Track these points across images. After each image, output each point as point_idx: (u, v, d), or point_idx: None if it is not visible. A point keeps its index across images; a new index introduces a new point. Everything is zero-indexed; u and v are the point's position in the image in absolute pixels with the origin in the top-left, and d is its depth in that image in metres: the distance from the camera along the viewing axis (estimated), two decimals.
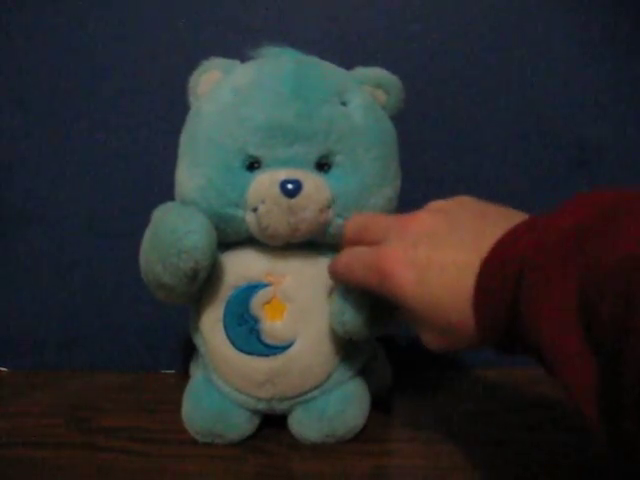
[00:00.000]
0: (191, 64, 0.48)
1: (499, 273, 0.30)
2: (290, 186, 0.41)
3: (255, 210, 0.42)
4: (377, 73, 0.47)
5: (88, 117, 0.60)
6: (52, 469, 0.44)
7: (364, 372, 0.49)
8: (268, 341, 0.44)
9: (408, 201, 0.49)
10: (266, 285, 0.44)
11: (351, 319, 0.42)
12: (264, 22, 0.58)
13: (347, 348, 0.46)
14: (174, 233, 0.41)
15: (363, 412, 0.47)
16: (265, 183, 0.42)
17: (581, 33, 0.58)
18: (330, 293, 0.44)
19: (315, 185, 0.42)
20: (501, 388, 0.55)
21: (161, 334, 0.61)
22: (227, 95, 0.44)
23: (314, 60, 0.46)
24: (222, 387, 0.46)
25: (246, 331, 0.44)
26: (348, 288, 0.42)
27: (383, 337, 0.46)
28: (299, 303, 0.44)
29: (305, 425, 0.46)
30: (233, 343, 0.44)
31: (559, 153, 0.59)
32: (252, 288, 0.44)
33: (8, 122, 0.60)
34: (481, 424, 0.49)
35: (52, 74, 0.59)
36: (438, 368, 0.60)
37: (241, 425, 0.46)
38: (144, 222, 0.44)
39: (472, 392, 0.55)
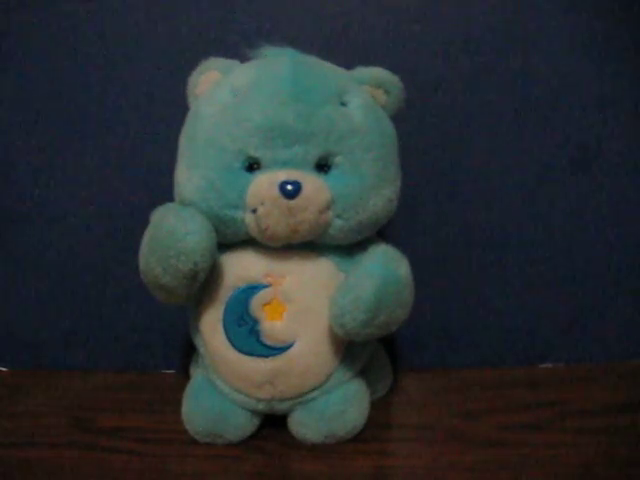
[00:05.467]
0: (191, 64, 0.47)
1: None
2: (289, 187, 0.41)
3: (254, 211, 0.42)
4: (377, 73, 0.47)
5: (88, 117, 0.60)
6: (52, 469, 0.44)
7: (364, 372, 0.49)
8: (268, 342, 0.44)
9: (408, 201, 0.49)
10: (266, 286, 0.44)
11: (351, 320, 0.42)
12: (264, 22, 0.58)
13: (347, 349, 0.46)
14: (173, 235, 0.41)
15: (363, 412, 0.47)
16: (264, 184, 0.42)
17: (582, 33, 0.57)
18: (330, 294, 0.44)
19: (314, 186, 0.42)
20: (501, 388, 0.55)
21: (161, 334, 0.61)
22: (226, 96, 0.44)
23: (314, 60, 0.46)
24: (222, 387, 0.46)
25: (246, 332, 0.44)
26: (348, 288, 0.42)
27: (383, 337, 0.46)
28: (299, 304, 0.44)
29: (305, 425, 0.46)
30: (233, 344, 0.44)
31: (559, 153, 0.59)
32: (252, 289, 0.44)
33: (8, 122, 0.60)
34: (481, 424, 0.49)
35: (52, 74, 0.59)
36: (438, 368, 0.60)
37: (241, 425, 0.46)
38: (144, 222, 0.44)
39: (472, 392, 0.55)
